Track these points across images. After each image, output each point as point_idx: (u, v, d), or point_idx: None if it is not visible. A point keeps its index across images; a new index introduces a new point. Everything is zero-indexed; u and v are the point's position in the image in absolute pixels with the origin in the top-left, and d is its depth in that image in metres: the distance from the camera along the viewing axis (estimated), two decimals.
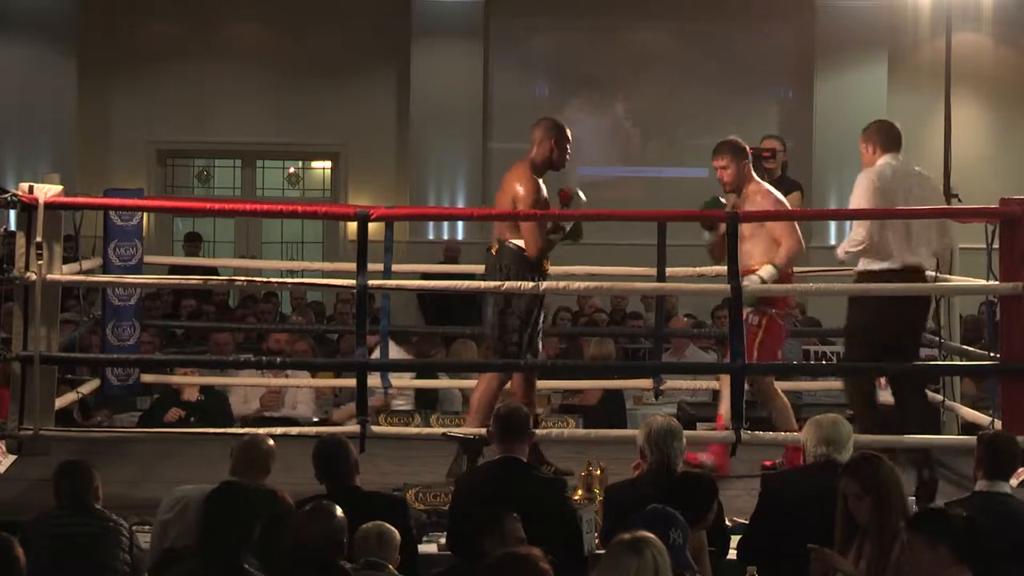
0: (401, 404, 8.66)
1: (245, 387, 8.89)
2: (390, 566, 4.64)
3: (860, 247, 6.86)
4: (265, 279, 7.89)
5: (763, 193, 7.23)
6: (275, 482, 5.14)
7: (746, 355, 6.74)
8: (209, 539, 4.37)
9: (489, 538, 4.51)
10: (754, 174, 7.33)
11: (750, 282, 6.89)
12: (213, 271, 10.37)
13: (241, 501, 4.45)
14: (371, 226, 6.73)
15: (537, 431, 5.94)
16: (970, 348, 8.20)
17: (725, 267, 6.75)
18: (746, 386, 6.75)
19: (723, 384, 7.20)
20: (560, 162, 6.98)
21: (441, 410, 8.22)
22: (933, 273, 7.90)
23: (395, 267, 8.44)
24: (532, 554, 3.80)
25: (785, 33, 14.61)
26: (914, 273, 6.85)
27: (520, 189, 6.83)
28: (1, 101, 13.80)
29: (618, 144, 14.91)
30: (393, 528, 4.73)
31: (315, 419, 8.76)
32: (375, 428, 6.83)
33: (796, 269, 8.95)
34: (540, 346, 7.07)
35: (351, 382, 7.58)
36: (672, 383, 8.29)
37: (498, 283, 6.90)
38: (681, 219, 7.07)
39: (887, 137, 7.03)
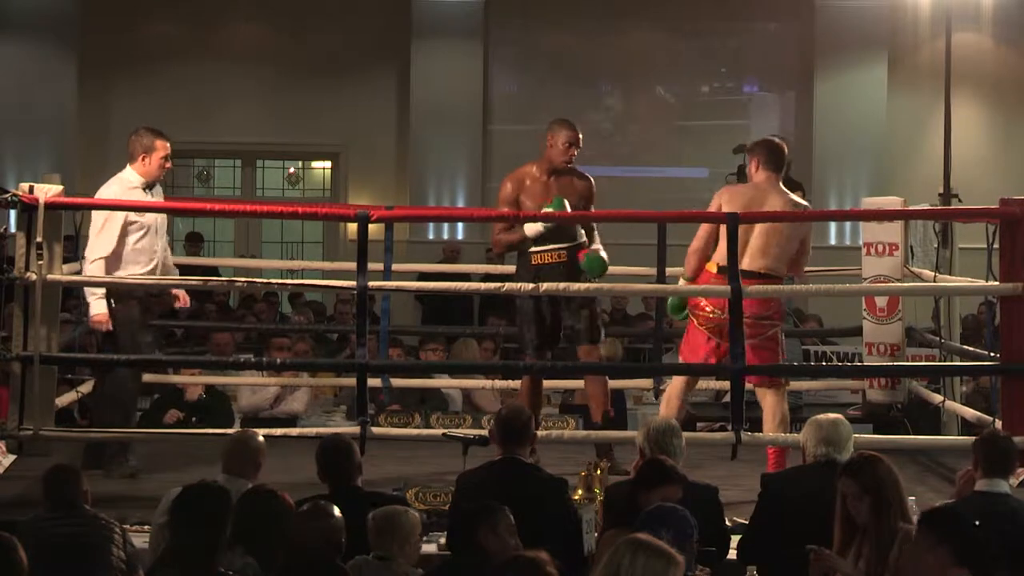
0: None
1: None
2: (400, 559, 4.63)
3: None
4: (265, 280, 7.90)
5: None
6: (275, 482, 5.14)
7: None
8: (179, 545, 4.35)
9: (483, 531, 4.50)
10: None
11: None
12: (214, 271, 10.38)
13: (206, 503, 4.42)
14: (371, 226, 6.74)
15: (538, 432, 5.92)
16: (970, 348, 8.21)
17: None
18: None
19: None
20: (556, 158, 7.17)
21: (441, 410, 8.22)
22: (933, 274, 7.93)
23: (394, 267, 8.45)
24: (539, 558, 3.80)
25: (785, 33, 14.61)
26: None
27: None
28: (1, 101, 13.80)
29: (618, 144, 14.91)
30: (405, 512, 4.72)
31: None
32: (375, 429, 6.83)
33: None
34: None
35: (351, 382, 7.58)
36: None
37: (498, 284, 6.93)
38: (681, 219, 7.06)
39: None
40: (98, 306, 6.98)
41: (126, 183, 7.09)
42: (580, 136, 7.25)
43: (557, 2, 14.53)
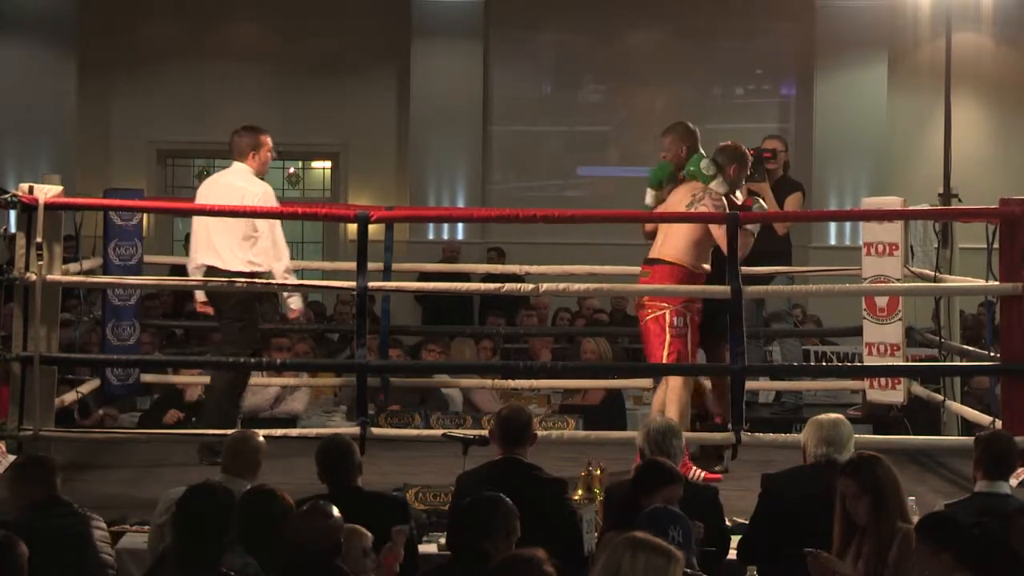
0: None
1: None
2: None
3: None
4: (265, 280, 7.90)
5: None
6: (275, 482, 5.14)
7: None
8: (183, 544, 4.35)
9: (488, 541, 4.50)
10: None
11: None
12: None
13: (207, 503, 4.43)
14: (371, 226, 6.74)
15: (538, 432, 5.91)
16: (970, 348, 8.20)
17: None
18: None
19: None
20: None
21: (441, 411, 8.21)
22: (933, 274, 7.92)
23: (394, 267, 8.46)
24: (537, 557, 3.80)
25: (785, 33, 14.61)
26: None
27: None
28: (1, 101, 13.79)
29: (618, 144, 14.91)
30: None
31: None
32: (375, 429, 6.83)
33: (797, 269, 9.00)
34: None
35: (351, 382, 7.59)
36: None
37: (498, 284, 6.95)
38: (681, 219, 7.06)
39: None
40: (297, 301, 7.73)
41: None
42: (666, 141, 7.64)
43: (557, 2, 14.53)
